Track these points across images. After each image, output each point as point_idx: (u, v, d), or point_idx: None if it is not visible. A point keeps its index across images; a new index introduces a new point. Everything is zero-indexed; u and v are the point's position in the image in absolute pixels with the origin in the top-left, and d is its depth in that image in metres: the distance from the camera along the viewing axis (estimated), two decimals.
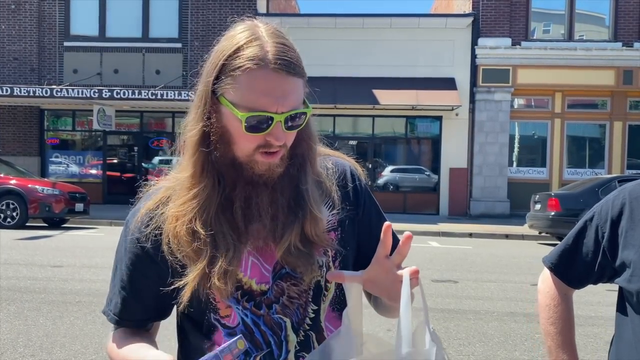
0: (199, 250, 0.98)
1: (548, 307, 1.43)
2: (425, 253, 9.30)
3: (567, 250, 1.40)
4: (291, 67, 0.93)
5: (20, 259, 7.67)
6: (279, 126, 0.94)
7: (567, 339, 1.40)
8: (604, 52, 15.30)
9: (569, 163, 16.18)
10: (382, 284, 0.96)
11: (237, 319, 1.01)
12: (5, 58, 16.65)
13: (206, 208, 0.98)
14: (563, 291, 1.43)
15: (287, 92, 0.93)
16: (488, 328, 4.87)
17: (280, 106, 0.93)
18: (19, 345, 4.11)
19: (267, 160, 0.97)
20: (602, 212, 1.33)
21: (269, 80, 0.92)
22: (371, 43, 15.56)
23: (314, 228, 1.01)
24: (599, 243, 1.32)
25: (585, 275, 1.39)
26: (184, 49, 16.27)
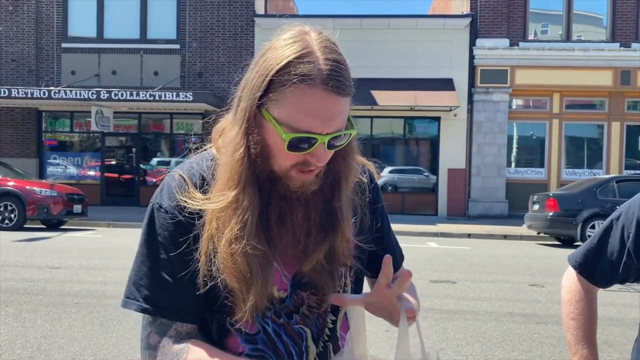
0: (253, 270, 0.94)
1: (569, 302, 1.43)
2: (424, 254, 9.30)
3: (592, 249, 1.40)
4: (342, 87, 0.89)
5: (19, 260, 7.65)
6: (322, 147, 0.90)
7: (587, 334, 1.40)
8: (601, 52, 15.34)
9: (567, 163, 16.20)
10: (383, 309, 0.97)
11: (257, 327, 0.99)
12: (3, 59, 16.63)
13: (251, 226, 0.94)
14: (586, 288, 1.43)
15: (335, 113, 0.89)
16: (486, 328, 4.88)
17: (327, 128, 0.89)
18: (17, 347, 4.10)
19: (302, 177, 0.94)
20: (629, 212, 1.32)
21: (318, 101, 0.87)
22: (369, 44, 15.57)
23: (344, 247, 1.00)
24: (624, 243, 1.32)
25: (610, 275, 1.38)
26: (182, 50, 16.26)
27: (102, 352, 4.06)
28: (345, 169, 1.00)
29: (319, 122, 0.88)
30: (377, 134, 16.46)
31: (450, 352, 4.19)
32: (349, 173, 1.01)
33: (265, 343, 0.99)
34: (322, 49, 0.90)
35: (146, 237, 0.99)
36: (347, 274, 1.06)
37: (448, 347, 4.33)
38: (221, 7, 16.22)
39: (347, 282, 1.06)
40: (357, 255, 1.06)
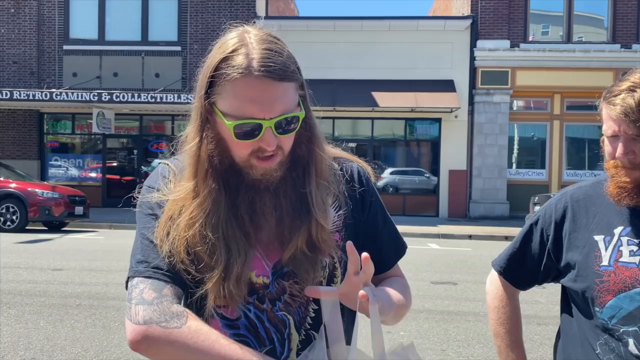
0: (213, 255, 0.98)
1: (497, 308, 1.48)
2: (425, 255, 9.31)
3: (515, 253, 1.45)
4: (277, 72, 0.93)
5: (21, 262, 7.67)
6: (270, 132, 0.95)
7: (515, 339, 1.46)
8: (602, 53, 15.34)
9: (568, 165, 16.20)
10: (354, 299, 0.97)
11: (238, 312, 1.01)
12: (4, 62, 16.67)
13: (215, 213, 0.99)
14: (510, 292, 1.48)
15: (274, 98, 0.94)
16: (487, 330, 4.87)
17: (268, 112, 0.94)
18: (19, 349, 4.12)
19: (263, 165, 0.98)
20: (546, 216, 1.39)
21: (255, 87, 0.93)
22: (370, 45, 15.59)
23: (320, 233, 1.02)
24: (544, 245, 1.38)
25: (531, 277, 1.44)
26: (183, 52, 16.30)
27: (105, 353, 4.07)
28: (311, 156, 1.04)
29: (259, 108, 0.93)
30: (377, 135, 16.47)
31: (452, 354, 4.19)
32: (316, 161, 1.05)
33: (247, 328, 1.01)
34: (258, 41, 0.96)
35: (140, 213, 1.06)
36: (338, 265, 1.06)
37: (449, 348, 4.34)
38: (222, 9, 16.25)
39: (336, 273, 1.06)
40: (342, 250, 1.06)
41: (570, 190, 1.38)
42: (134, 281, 0.98)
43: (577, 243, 1.31)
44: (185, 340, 0.91)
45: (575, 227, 1.32)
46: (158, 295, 0.96)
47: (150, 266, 0.98)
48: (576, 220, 1.33)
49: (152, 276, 0.97)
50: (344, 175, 1.12)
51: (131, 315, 0.95)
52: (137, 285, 0.97)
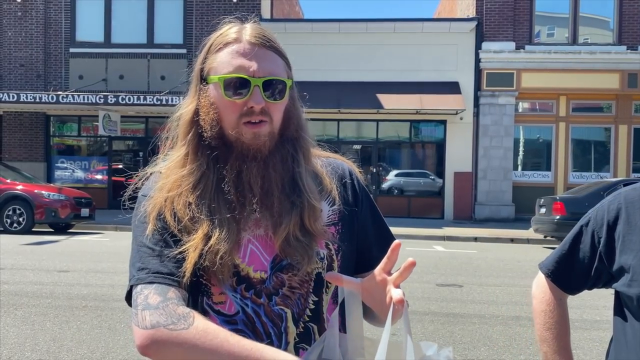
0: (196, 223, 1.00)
1: (544, 312, 1.43)
2: (430, 257, 9.29)
3: (564, 256, 1.40)
4: (266, 40, 1.02)
5: (27, 264, 7.71)
6: (258, 91, 0.99)
7: (563, 344, 1.41)
8: (608, 55, 15.29)
9: (574, 167, 16.14)
10: (378, 296, 0.96)
11: (235, 308, 1.01)
12: (11, 64, 16.78)
13: (204, 185, 1.02)
14: (558, 296, 1.43)
15: (263, 59, 1.01)
16: (493, 332, 4.87)
17: (257, 72, 1.00)
18: (26, 350, 4.14)
19: (252, 129, 1.01)
20: (598, 217, 1.33)
21: (245, 50, 1.01)
22: (375, 48, 15.59)
23: (311, 218, 1.04)
24: (596, 248, 1.32)
25: (582, 280, 1.39)
26: (188, 54, 16.35)
27: (110, 354, 4.09)
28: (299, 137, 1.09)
29: (247, 66, 1.00)
30: (382, 137, 16.46)
31: (457, 356, 4.18)
32: (304, 142, 1.10)
33: (244, 323, 1.01)
34: (250, 26, 1.05)
35: (134, 223, 1.07)
36: (335, 257, 1.07)
37: (455, 350, 4.33)
38: (227, 11, 16.30)
39: (334, 265, 1.07)
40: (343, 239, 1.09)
41: (624, 192, 1.32)
42: (137, 288, 0.98)
43: (631, 246, 1.25)
44: (193, 341, 0.91)
45: (629, 229, 1.26)
46: (163, 298, 0.96)
47: (151, 272, 0.99)
48: (630, 222, 1.26)
49: (155, 281, 0.98)
50: (335, 172, 1.14)
51: (138, 321, 0.95)
52: (141, 292, 0.97)
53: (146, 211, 1.04)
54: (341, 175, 1.15)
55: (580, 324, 5.15)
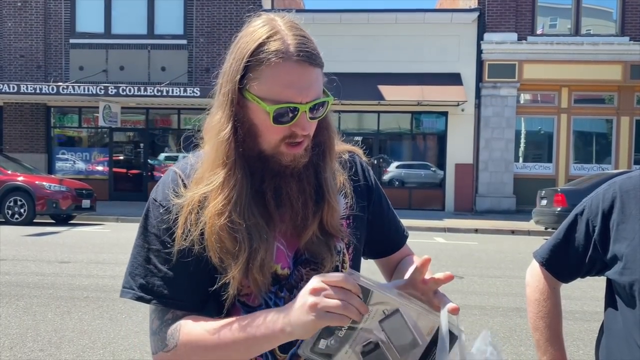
0: (238, 244, 0.98)
1: (537, 301, 1.44)
2: (431, 249, 9.30)
3: (558, 244, 1.41)
4: (312, 57, 0.97)
5: (28, 255, 7.73)
6: (304, 116, 0.97)
7: (556, 333, 1.42)
8: (611, 46, 15.21)
9: (575, 158, 16.11)
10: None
11: (259, 301, 1.02)
12: (11, 55, 16.73)
13: (240, 202, 0.99)
14: (552, 285, 1.44)
15: (310, 82, 0.97)
16: (493, 323, 4.88)
17: (305, 96, 0.96)
18: (28, 340, 4.15)
19: (292, 152, 0.99)
20: (593, 206, 1.33)
21: (293, 72, 0.95)
22: (376, 39, 15.52)
23: (330, 218, 1.05)
24: (590, 236, 1.33)
25: (576, 269, 1.39)
26: (189, 45, 16.29)
27: (112, 345, 4.10)
28: (328, 140, 1.07)
29: (297, 92, 0.95)
30: (384, 129, 16.43)
31: None
32: (332, 144, 1.09)
33: None
34: (288, 28, 0.98)
35: (142, 229, 1.04)
36: (346, 251, 1.09)
37: None
38: (228, 2, 16.22)
39: (345, 259, 1.09)
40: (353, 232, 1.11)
41: (619, 181, 1.32)
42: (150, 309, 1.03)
43: (625, 234, 1.25)
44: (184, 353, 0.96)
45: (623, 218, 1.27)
46: (160, 322, 1.00)
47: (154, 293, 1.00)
48: (625, 211, 1.27)
49: (157, 303, 1.00)
50: (347, 164, 1.16)
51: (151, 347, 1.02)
52: (151, 315, 1.03)
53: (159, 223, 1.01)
54: (354, 169, 1.17)
55: (581, 316, 5.16)
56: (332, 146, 1.08)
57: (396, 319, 0.88)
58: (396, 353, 0.89)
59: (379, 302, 0.87)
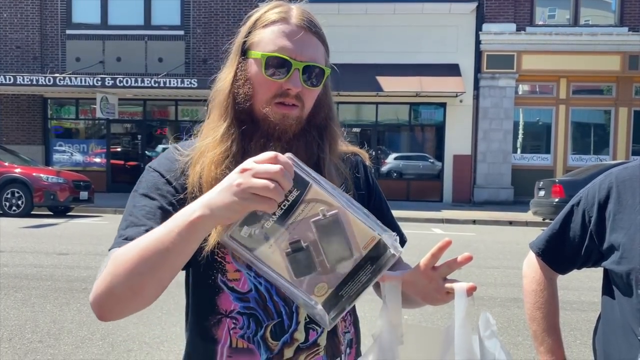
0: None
1: (534, 292, 1.44)
2: (429, 240, 9.31)
3: (555, 235, 1.41)
4: (313, 25, 1.02)
5: (26, 246, 7.73)
6: (297, 74, 0.99)
7: (553, 323, 1.43)
8: (609, 37, 15.17)
9: (573, 149, 16.12)
10: (420, 288, 0.99)
11: (249, 285, 1.02)
12: (7, 46, 16.63)
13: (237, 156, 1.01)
14: (549, 276, 1.44)
15: (306, 43, 1.01)
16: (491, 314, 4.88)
17: (300, 55, 0.99)
18: (26, 331, 4.16)
19: (282, 111, 1.01)
20: (589, 196, 1.34)
21: (291, 31, 1.00)
22: (374, 29, 15.45)
23: None
24: (586, 227, 1.33)
25: (572, 260, 1.40)
26: (186, 36, 16.20)
27: (111, 336, 4.11)
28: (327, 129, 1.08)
29: (291, 48, 0.99)
30: (382, 120, 16.41)
31: None
32: (331, 134, 1.09)
33: (256, 301, 1.02)
34: (299, 7, 1.05)
35: (133, 191, 1.06)
36: None
37: None
38: None
39: None
40: None
41: (616, 171, 1.33)
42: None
43: (622, 224, 1.26)
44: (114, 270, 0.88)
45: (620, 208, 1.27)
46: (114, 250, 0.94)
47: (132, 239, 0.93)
48: (621, 200, 1.27)
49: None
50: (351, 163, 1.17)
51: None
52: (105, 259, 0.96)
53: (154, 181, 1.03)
54: (355, 164, 1.18)
55: (578, 306, 5.19)
56: (332, 134, 1.09)
57: (332, 223, 0.80)
58: (325, 259, 0.81)
59: (316, 200, 0.79)
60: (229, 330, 1.02)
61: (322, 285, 0.82)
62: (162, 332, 4.21)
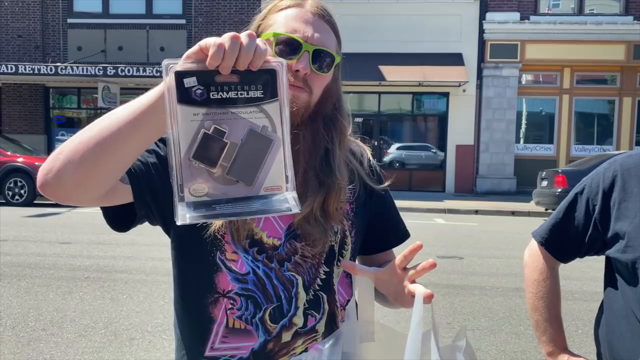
0: None
1: (537, 281, 1.43)
2: (431, 230, 9.32)
3: (558, 224, 1.39)
4: (327, 14, 1.04)
5: (29, 235, 7.75)
6: (307, 56, 0.99)
7: (555, 313, 1.41)
8: (614, 26, 15.04)
9: (576, 140, 16.06)
10: (392, 287, 0.99)
11: (247, 268, 1.02)
12: (9, 35, 16.57)
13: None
14: (551, 265, 1.43)
15: (317, 28, 1.01)
16: (493, 303, 4.91)
17: (311, 38, 1.00)
18: (30, 320, 4.18)
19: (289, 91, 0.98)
20: (593, 185, 1.32)
21: (304, 16, 1.02)
22: (377, 18, 15.35)
23: (335, 200, 1.04)
24: (590, 215, 1.32)
25: (575, 248, 1.38)
26: (188, 25, 16.12)
27: (113, 324, 4.13)
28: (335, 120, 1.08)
29: (303, 31, 1.00)
30: (384, 110, 16.35)
31: (457, 327, 4.22)
32: (340, 126, 1.08)
33: (255, 284, 1.02)
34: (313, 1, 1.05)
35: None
36: (348, 233, 1.10)
37: (455, 321, 4.37)
38: None
39: (347, 240, 1.10)
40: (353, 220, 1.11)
41: (620, 159, 1.31)
42: None
43: (627, 212, 1.24)
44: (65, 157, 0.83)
45: (625, 197, 1.26)
46: None
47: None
48: (626, 189, 1.26)
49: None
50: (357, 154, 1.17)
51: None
52: None
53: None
54: (360, 156, 1.18)
55: (580, 296, 5.19)
56: (340, 126, 1.09)
57: (262, 144, 0.76)
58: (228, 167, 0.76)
59: (269, 115, 0.76)
60: (226, 310, 1.02)
61: (203, 187, 0.76)
62: (164, 320, 4.23)
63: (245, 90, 0.75)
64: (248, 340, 1.02)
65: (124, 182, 0.95)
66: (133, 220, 1.02)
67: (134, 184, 0.96)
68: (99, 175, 0.84)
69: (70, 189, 0.85)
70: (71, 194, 0.87)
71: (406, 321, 1.01)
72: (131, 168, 0.95)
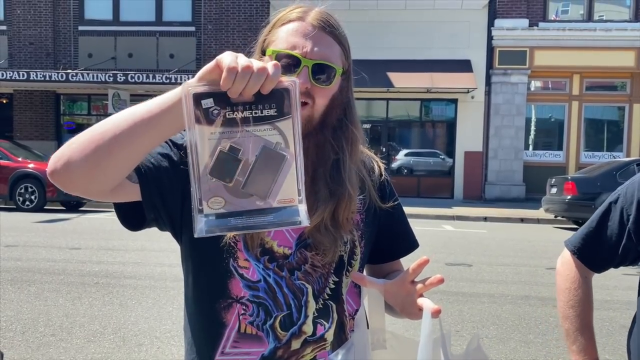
0: None
1: (568, 290, 1.41)
2: (440, 237, 9.28)
3: (591, 233, 1.38)
4: (328, 25, 1.02)
5: (40, 241, 7.81)
6: (306, 72, 0.98)
7: (586, 323, 1.39)
8: (624, 32, 14.96)
9: (586, 146, 15.95)
10: (399, 299, 1.00)
11: (258, 276, 1.03)
12: (21, 43, 16.77)
13: None
14: (584, 274, 1.41)
15: (318, 42, 1.00)
16: (502, 311, 4.87)
17: (310, 53, 0.99)
18: (39, 325, 4.21)
19: None
20: (628, 194, 1.31)
21: (304, 30, 1.01)
22: (385, 25, 15.38)
23: (346, 210, 1.05)
24: (624, 225, 1.30)
25: (608, 258, 1.37)
26: (197, 32, 16.23)
27: (122, 330, 4.15)
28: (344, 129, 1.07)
29: (302, 46, 0.99)
30: (393, 116, 16.34)
31: (466, 334, 4.20)
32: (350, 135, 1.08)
33: (266, 292, 1.03)
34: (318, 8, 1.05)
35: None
36: (358, 244, 1.10)
37: (464, 329, 4.34)
38: None
39: (356, 250, 1.10)
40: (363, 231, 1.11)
41: None
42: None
43: None
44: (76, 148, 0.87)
45: None
46: None
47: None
48: None
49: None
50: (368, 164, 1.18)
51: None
52: None
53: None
54: (371, 167, 1.18)
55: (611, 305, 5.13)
56: (351, 135, 1.09)
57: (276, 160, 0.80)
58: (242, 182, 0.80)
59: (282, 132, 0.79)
60: (239, 315, 1.03)
61: (220, 200, 0.81)
62: (172, 326, 4.24)
63: (259, 109, 0.79)
64: (258, 346, 1.03)
65: (133, 181, 0.96)
66: (144, 220, 1.03)
67: (142, 185, 0.98)
68: (108, 166, 0.86)
69: (78, 177, 0.87)
70: (79, 183, 0.89)
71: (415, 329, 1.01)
72: (142, 169, 0.97)
